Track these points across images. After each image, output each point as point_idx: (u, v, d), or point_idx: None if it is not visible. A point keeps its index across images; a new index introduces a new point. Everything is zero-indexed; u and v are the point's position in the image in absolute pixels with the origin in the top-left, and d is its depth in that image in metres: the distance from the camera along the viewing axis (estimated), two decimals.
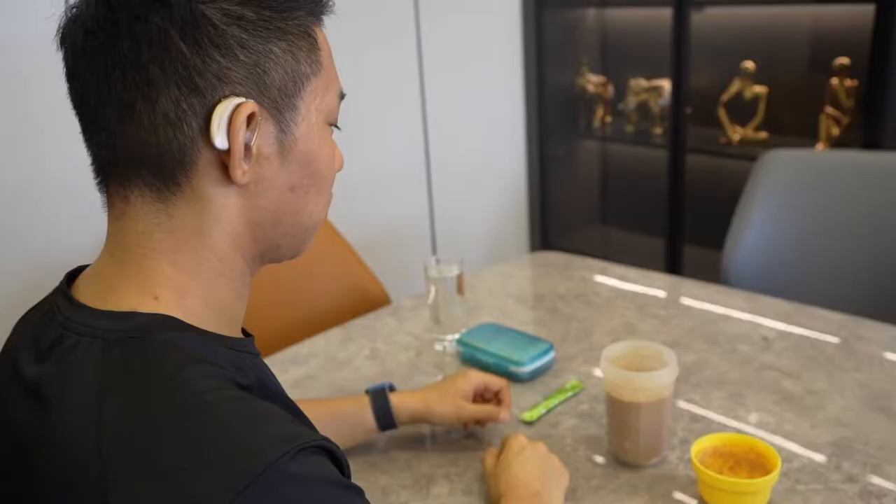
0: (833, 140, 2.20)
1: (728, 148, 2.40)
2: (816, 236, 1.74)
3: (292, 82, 0.59)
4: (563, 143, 2.83)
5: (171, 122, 0.56)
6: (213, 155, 0.57)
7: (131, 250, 0.59)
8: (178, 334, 0.56)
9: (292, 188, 0.62)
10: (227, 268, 0.61)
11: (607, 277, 1.59)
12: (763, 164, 1.78)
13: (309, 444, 0.51)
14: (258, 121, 0.58)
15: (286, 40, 0.59)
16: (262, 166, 0.59)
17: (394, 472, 0.99)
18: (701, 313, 1.39)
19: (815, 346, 1.25)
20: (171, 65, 0.55)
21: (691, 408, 1.08)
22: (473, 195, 2.63)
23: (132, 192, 0.58)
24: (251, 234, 0.61)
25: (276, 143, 0.60)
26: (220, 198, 0.59)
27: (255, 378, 0.59)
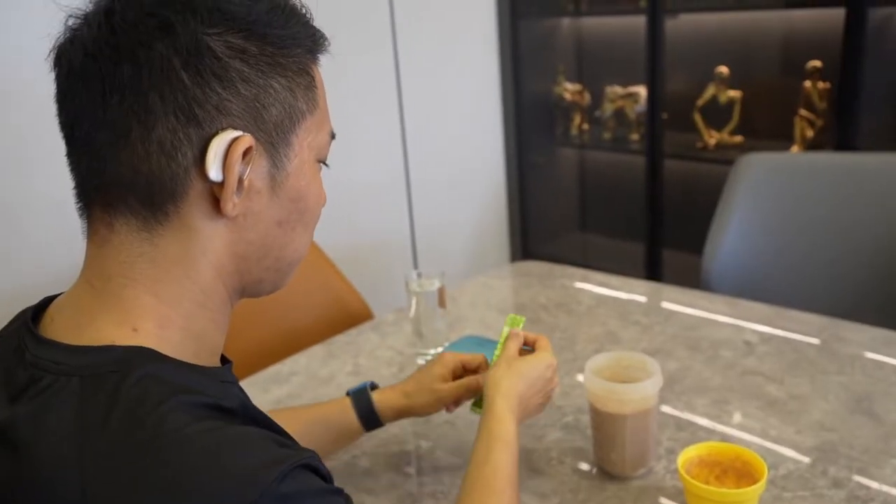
0: (807, 142, 2.22)
1: (704, 152, 2.42)
2: (793, 238, 1.76)
3: (288, 118, 0.59)
4: (541, 152, 2.84)
5: (166, 151, 0.55)
6: (205, 186, 0.56)
7: (112, 280, 0.58)
8: (158, 366, 0.55)
9: (280, 223, 0.61)
10: (209, 299, 0.60)
11: (588, 285, 1.59)
12: (739, 168, 1.79)
13: (297, 463, 0.51)
14: (252, 155, 0.57)
15: (286, 77, 0.59)
16: (252, 200, 0.58)
17: (378, 491, 0.97)
18: (683, 319, 1.39)
19: (797, 349, 1.25)
20: (171, 94, 0.54)
21: (676, 416, 1.08)
22: (453, 205, 2.63)
23: (117, 220, 0.57)
24: (236, 266, 0.61)
25: (268, 177, 0.59)
26: (207, 230, 0.58)
27: (239, 402, 0.58)
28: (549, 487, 0.95)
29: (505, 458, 0.79)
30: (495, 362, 0.90)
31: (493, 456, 0.79)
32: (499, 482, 0.77)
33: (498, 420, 0.82)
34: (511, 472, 0.79)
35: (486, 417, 0.84)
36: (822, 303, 1.49)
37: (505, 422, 0.82)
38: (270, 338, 1.56)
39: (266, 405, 1.19)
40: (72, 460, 0.49)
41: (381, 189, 2.41)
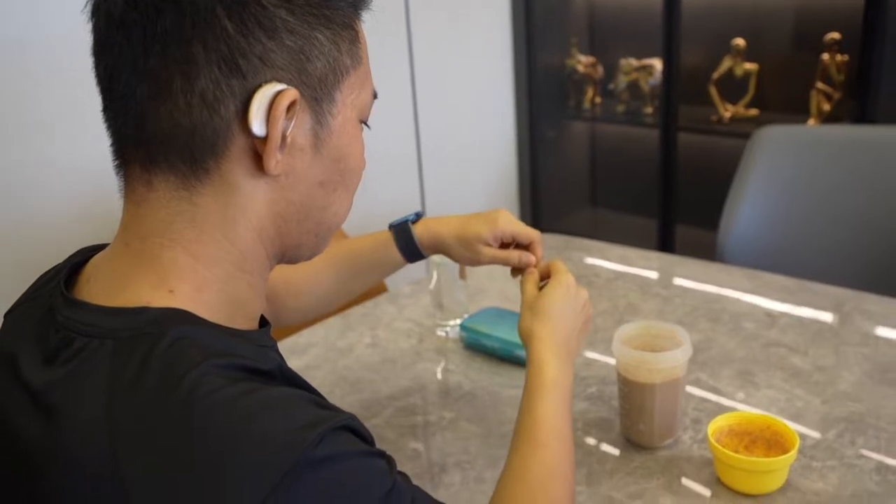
0: (824, 115, 2.20)
1: (719, 126, 2.40)
2: (810, 212, 1.74)
3: (332, 73, 0.57)
4: (553, 125, 2.81)
5: (208, 104, 0.53)
6: (248, 142, 0.55)
7: (148, 240, 0.56)
8: (193, 328, 0.54)
9: (322, 183, 0.60)
10: (247, 262, 0.59)
11: (605, 259, 1.58)
12: (757, 141, 1.77)
13: (336, 424, 0.50)
14: (297, 110, 0.55)
15: (331, 29, 0.57)
16: (294, 158, 0.57)
17: (403, 462, 0.97)
18: (702, 292, 1.38)
19: (819, 321, 1.24)
20: (214, 43, 0.52)
21: (701, 387, 1.07)
22: (464, 178, 2.61)
23: (156, 177, 0.56)
24: (276, 228, 0.59)
25: (312, 134, 0.57)
26: (248, 188, 0.56)
27: (276, 364, 0.57)
28: (576, 458, 0.94)
29: (546, 407, 0.76)
30: (522, 311, 0.88)
31: (534, 406, 0.76)
32: (542, 433, 0.74)
33: (537, 368, 0.80)
34: (556, 422, 0.75)
35: (529, 367, 0.82)
36: (839, 277, 1.48)
37: (544, 367, 0.80)
38: None
39: None
40: (102, 423, 0.49)
41: (392, 161, 2.39)
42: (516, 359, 1.16)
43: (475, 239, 0.97)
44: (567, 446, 0.75)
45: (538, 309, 0.86)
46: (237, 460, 0.46)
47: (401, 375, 1.17)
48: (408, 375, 1.17)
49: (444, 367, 1.19)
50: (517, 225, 0.97)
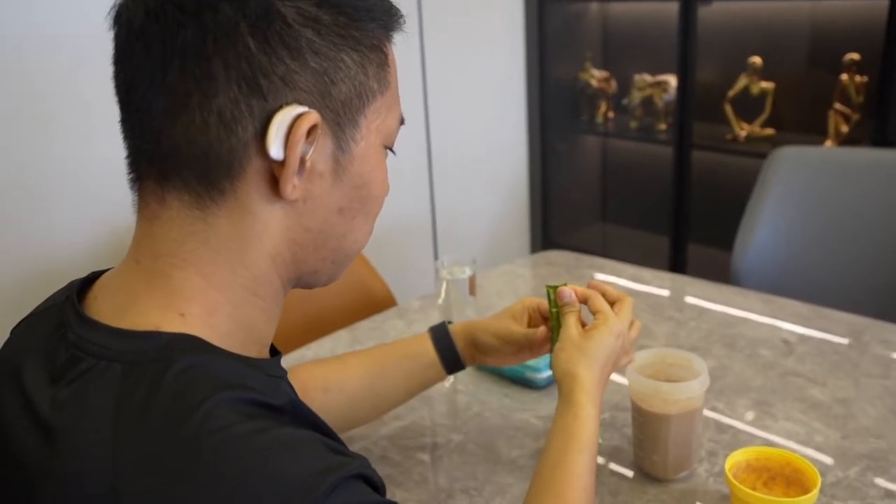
0: (841, 137, 2.17)
1: (734, 144, 2.37)
2: (827, 235, 1.71)
3: (358, 97, 0.55)
4: (565, 139, 2.79)
5: (226, 123, 0.51)
6: (264, 165, 0.53)
7: (160, 259, 0.54)
8: (205, 357, 0.51)
9: (341, 210, 0.57)
10: (261, 288, 0.56)
11: (617, 277, 1.55)
12: (773, 162, 1.74)
13: (349, 473, 0.47)
14: (317, 134, 0.53)
15: (359, 51, 0.55)
16: (313, 183, 0.55)
17: (409, 486, 0.94)
18: (717, 316, 1.35)
19: (838, 350, 1.21)
20: (235, 60, 0.50)
21: (717, 417, 1.04)
22: (475, 192, 2.59)
23: (170, 194, 0.54)
24: (292, 255, 0.57)
25: (332, 159, 0.55)
26: (264, 212, 0.54)
27: (288, 399, 0.54)
28: None
29: (582, 462, 0.72)
30: (558, 344, 0.83)
31: (568, 458, 0.72)
32: (572, 492, 0.70)
33: (576, 416, 0.75)
34: (587, 479, 0.72)
35: (564, 412, 0.76)
36: (855, 302, 1.45)
37: (585, 418, 0.75)
38: (293, 322, 1.53)
39: None
40: (106, 454, 0.46)
41: (402, 174, 2.37)
42: (526, 381, 1.14)
43: (503, 313, 0.96)
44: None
45: (586, 350, 0.81)
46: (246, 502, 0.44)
47: None
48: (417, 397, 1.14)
49: (453, 387, 1.16)
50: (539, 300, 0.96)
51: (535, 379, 1.13)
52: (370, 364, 0.94)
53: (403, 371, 0.95)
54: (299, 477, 0.45)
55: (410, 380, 0.95)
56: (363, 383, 0.94)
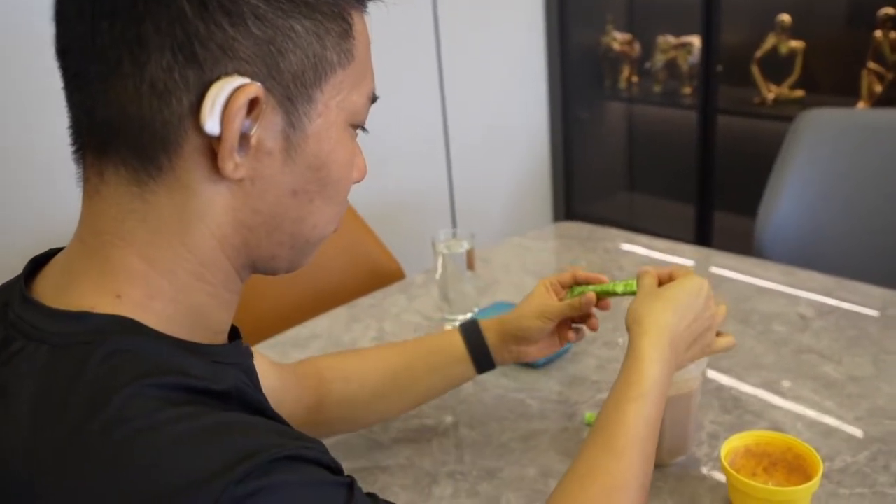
0: (875, 98, 2.06)
1: (762, 108, 2.27)
2: (858, 203, 1.62)
3: (312, 70, 0.51)
4: (587, 106, 2.71)
5: (159, 93, 0.47)
6: (204, 140, 0.49)
7: (100, 237, 0.51)
8: (136, 339, 0.48)
9: (295, 192, 0.53)
10: (208, 272, 0.53)
11: (632, 249, 1.49)
12: (800, 125, 1.65)
13: (278, 455, 0.43)
14: (262, 108, 0.49)
15: (313, 19, 0.50)
16: (261, 162, 0.51)
17: (394, 469, 0.91)
18: (733, 289, 1.29)
19: (858, 325, 1.14)
20: (168, 25, 0.46)
21: (721, 397, 0.99)
22: (494, 162, 2.53)
23: (107, 168, 0.50)
24: (241, 238, 0.53)
25: (283, 137, 0.51)
26: (206, 192, 0.50)
27: (233, 385, 0.51)
28: None
29: (636, 413, 0.67)
30: (637, 297, 0.77)
31: (622, 406, 0.67)
32: (622, 441, 0.65)
33: (637, 363, 0.70)
34: (641, 432, 0.66)
35: (628, 360, 0.71)
36: (886, 274, 1.37)
37: (646, 365, 0.70)
38: (296, 297, 1.51)
39: None
40: (23, 445, 0.44)
41: (417, 144, 2.33)
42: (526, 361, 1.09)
43: (532, 296, 0.90)
44: (646, 461, 0.66)
45: (662, 295, 0.75)
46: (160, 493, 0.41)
47: None
48: None
49: None
50: (556, 275, 0.92)
51: None
52: (394, 358, 0.90)
53: (429, 366, 0.90)
54: (214, 463, 0.42)
55: (436, 375, 0.90)
56: (386, 377, 0.89)
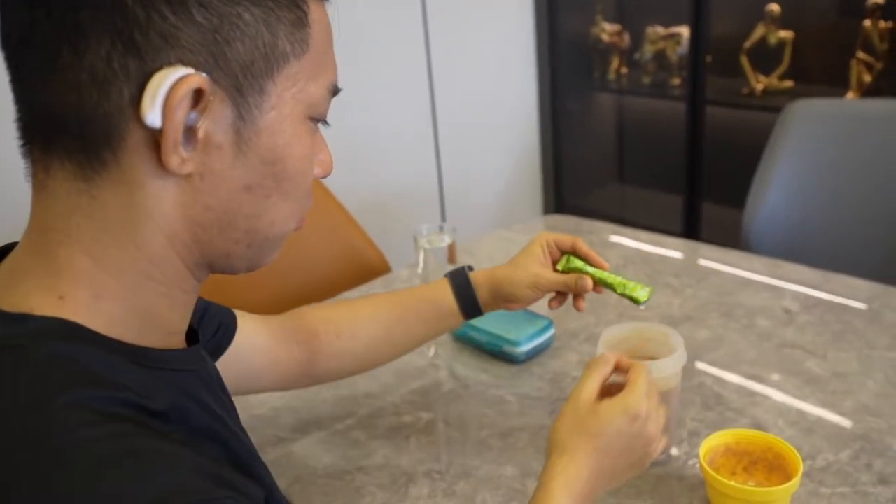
0: (864, 88, 2.05)
1: (751, 99, 2.25)
2: (847, 194, 1.61)
3: (263, 60, 0.48)
4: (576, 97, 2.69)
5: (98, 84, 0.45)
6: (147, 134, 0.47)
7: (46, 234, 0.49)
8: (74, 345, 0.46)
9: (249, 188, 0.51)
10: (157, 271, 0.51)
11: (618, 242, 1.48)
12: (788, 115, 1.64)
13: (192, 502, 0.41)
14: (209, 100, 0.47)
15: (263, 6, 0.48)
16: (210, 156, 0.48)
17: (370, 469, 0.89)
18: (718, 282, 1.28)
19: (843, 319, 1.13)
20: (107, 13, 0.44)
21: (703, 394, 0.98)
22: (483, 154, 2.51)
23: (53, 163, 0.48)
24: (192, 235, 0.51)
25: (233, 130, 0.49)
26: (154, 187, 0.48)
27: (171, 402, 0.49)
28: None
29: None
30: (566, 412, 0.69)
31: None
32: None
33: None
34: None
35: (537, 493, 0.65)
36: (875, 268, 1.36)
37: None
38: (280, 290, 1.49)
39: None
40: None
41: (405, 135, 2.30)
42: (505, 355, 1.08)
43: (525, 258, 0.90)
44: None
45: (588, 426, 0.67)
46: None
47: (382, 370, 1.09)
48: (390, 370, 1.09)
49: (430, 362, 1.11)
50: (556, 234, 0.91)
51: (515, 353, 1.07)
52: (386, 311, 0.90)
53: (422, 320, 0.91)
54: (126, 499, 0.39)
55: (427, 326, 0.92)
56: (379, 331, 0.90)
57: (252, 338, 0.82)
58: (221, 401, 0.58)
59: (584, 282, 0.87)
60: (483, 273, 0.91)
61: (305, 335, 0.87)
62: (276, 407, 1.02)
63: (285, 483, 0.88)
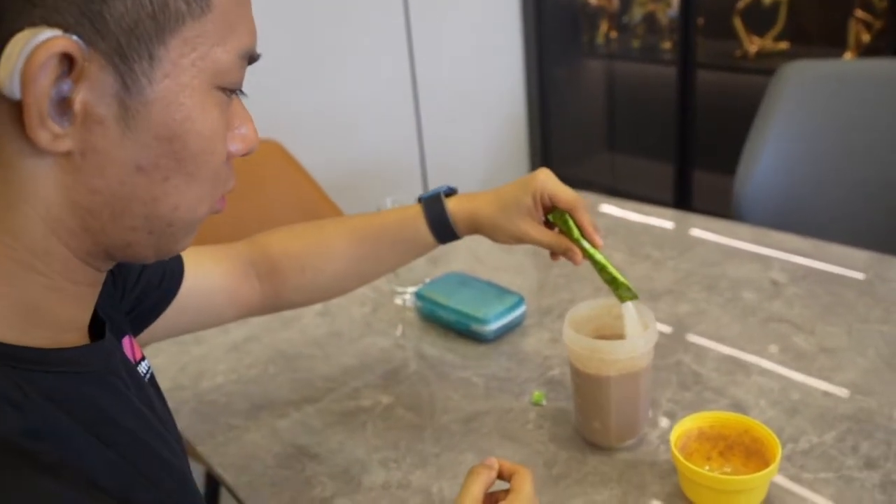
0: (863, 48, 1.96)
1: (744, 62, 2.17)
2: (843, 160, 1.54)
3: (151, 20, 0.42)
4: (564, 63, 2.60)
5: None
6: (14, 106, 0.40)
7: None
8: None
9: (142, 169, 0.44)
10: (39, 261, 0.44)
11: (601, 212, 1.41)
12: (781, 78, 1.56)
13: None
14: (84, 67, 0.40)
15: None
16: (92, 132, 0.42)
17: (323, 456, 0.84)
18: (702, 253, 1.21)
19: (834, 291, 1.06)
20: None
21: (680, 372, 0.91)
22: (467, 123, 2.43)
23: None
24: (80, 222, 0.44)
25: (116, 102, 0.42)
26: (27, 168, 0.42)
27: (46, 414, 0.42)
28: (519, 458, 0.80)
29: None
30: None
31: None
32: None
33: None
34: None
35: None
36: (871, 236, 1.29)
37: None
38: None
39: (221, 350, 1.06)
40: None
41: (385, 106, 2.22)
42: (473, 334, 1.02)
43: (514, 206, 0.79)
44: None
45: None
46: None
47: (344, 352, 1.04)
48: (352, 351, 1.03)
49: (395, 342, 1.05)
50: (557, 185, 0.79)
51: (483, 332, 1.01)
52: (356, 246, 0.84)
53: (394, 252, 0.85)
54: None
55: (401, 259, 0.86)
56: (347, 265, 0.84)
57: (206, 280, 0.78)
58: (130, 402, 0.51)
59: (572, 255, 0.79)
60: (463, 205, 0.82)
61: (267, 269, 0.82)
62: (229, 392, 0.96)
63: (233, 474, 0.83)
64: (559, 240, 0.80)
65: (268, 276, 0.82)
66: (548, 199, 0.79)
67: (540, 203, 0.79)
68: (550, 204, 0.79)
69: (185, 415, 0.92)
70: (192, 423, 0.91)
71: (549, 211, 0.80)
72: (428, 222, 0.82)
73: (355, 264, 0.84)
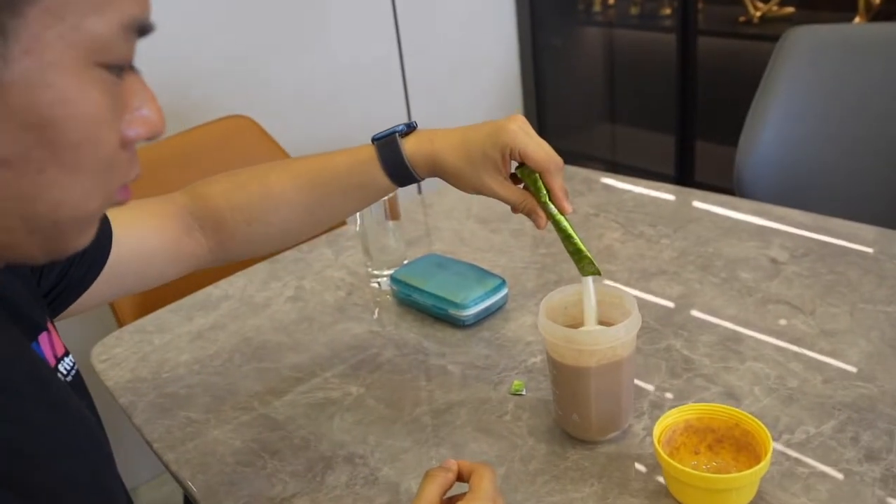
0: (873, 11, 1.87)
1: (748, 27, 2.08)
2: (850, 130, 1.46)
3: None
4: (560, 32, 2.50)
5: None
6: None
7: None
8: None
9: (8, 162, 0.38)
10: None
11: (588, 188, 1.34)
12: (786, 44, 1.48)
13: None
14: None
15: None
16: None
17: (285, 452, 0.78)
18: (698, 230, 1.14)
19: (837, 269, 1.00)
20: None
21: (670, 358, 0.85)
22: (457, 96, 2.34)
23: None
24: None
25: None
26: None
27: None
28: (494, 452, 0.75)
29: None
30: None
31: None
32: None
33: None
34: None
35: None
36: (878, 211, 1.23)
37: None
38: None
39: (185, 339, 1.01)
40: None
41: (369, 77, 2.13)
42: (450, 319, 0.96)
43: (480, 157, 0.73)
44: None
45: None
46: None
47: (315, 339, 0.98)
48: (323, 339, 0.98)
49: (369, 329, 0.99)
50: (528, 142, 0.71)
51: (461, 317, 0.95)
52: (305, 194, 0.78)
53: (350, 200, 0.80)
54: None
55: (356, 205, 0.82)
56: (296, 214, 0.79)
57: (140, 243, 0.74)
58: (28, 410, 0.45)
59: (536, 219, 0.73)
60: (423, 147, 0.76)
61: (211, 222, 0.77)
62: (190, 385, 0.91)
63: (188, 472, 0.78)
64: (525, 199, 0.74)
65: (212, 230, 0.78)
66: (518, 156, 0.72)
67: (509, 158, 0.73)
68: (518, 159, 0.73)
69: (142, 409, 0.87)
70: (150, 417, 0.86)
71: (520, 164, 0.74)
72: (383, 166, 0.76)
73: (305, 214, 0.79)
